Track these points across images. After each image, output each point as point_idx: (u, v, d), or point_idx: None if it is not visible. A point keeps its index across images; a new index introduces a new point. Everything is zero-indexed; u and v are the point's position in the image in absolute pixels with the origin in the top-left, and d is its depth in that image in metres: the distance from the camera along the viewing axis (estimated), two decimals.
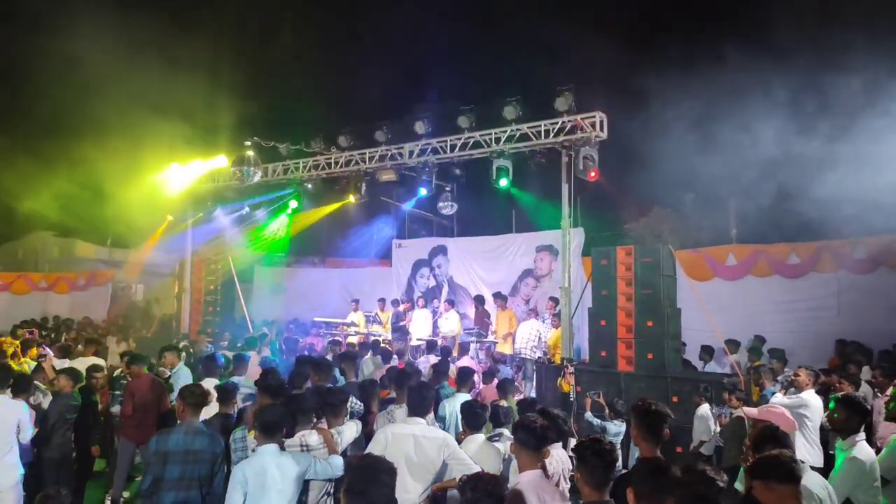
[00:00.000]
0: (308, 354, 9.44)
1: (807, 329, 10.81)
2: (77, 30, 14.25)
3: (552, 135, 10.07)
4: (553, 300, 11.31)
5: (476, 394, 7.36)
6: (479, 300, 12.86)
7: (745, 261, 11.90)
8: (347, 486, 2.76)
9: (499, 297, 12.40)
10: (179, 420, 4.61)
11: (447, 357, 9.29)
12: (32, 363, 8.32)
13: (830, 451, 5.82)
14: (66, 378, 6.43)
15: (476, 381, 7.77)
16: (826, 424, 5.54)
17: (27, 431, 5.46)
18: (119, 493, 6.77)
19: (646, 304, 8.16)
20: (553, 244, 12.64)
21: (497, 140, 10.63)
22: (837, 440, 4.32)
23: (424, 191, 11.98)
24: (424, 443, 4.23)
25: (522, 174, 10.95)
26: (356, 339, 12.24)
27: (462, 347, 10.05)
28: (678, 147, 10.66)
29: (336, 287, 16.78)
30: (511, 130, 10.47)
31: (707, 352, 10.01)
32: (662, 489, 2.80)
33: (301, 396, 4.94)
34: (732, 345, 9.76)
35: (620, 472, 3.91)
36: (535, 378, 10.21)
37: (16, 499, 5.28)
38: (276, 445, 4.00)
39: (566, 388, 8.67)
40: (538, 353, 10.76)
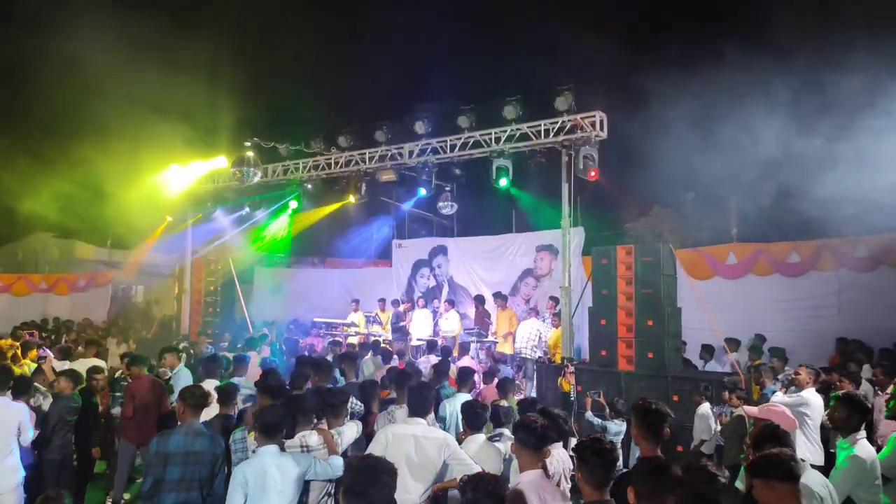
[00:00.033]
0: (308, 355, 9.44)
1: (807, 327, 10.80)
2: (76, 31, 14.25)
3: (552, 134, 10.07)
4: (553, 300, 11.31)
5: (476, 394, 7.35)
6: (480, 300, 12.86)
7: (746, 260, 11.89)
8: (347, 487, 2.76)
9: (499, 297, 12.39)
10: (180, 421, 4.61)
11: (447, 357, 9.29)
12: (33, 365, 8.32)
13: (831, 450, 5.81)
14: (67, 380, 6.44)
15: (476, 381, 7.76)
16: (827, 423, 5.53)
17: (28, 433, 5.46)
18: (120, 495, 6.77)
19: (646, 304, 8.16)
20: (553, 244, 12.63)
21: (497, 140, 10.62)
22: (838, 438, 4.32)
23: (424, 191, 11.97)
24: (425, 443, 4.23)
25: (522, 174, 10.94)
26: (356, 340, 12.23)
27: (462, 347, 10.05)
28: (678, 146, 10.65)
29: (336, 287, 16.76)
30: (511, 130, 10.47)
31: (707, 351, 10.01)
32: (663, 488, 2.81)
33: (302, 397, 4.94)
34: (733, 343, 9.76)
35: (621, 472, 3.91)
36: (536, 377, 10.21)
37: (17, 501, 5.28)
38: (277, 446, 4.00)
39: (567, 388, 8.67)
40: (538, 353, 10.75)
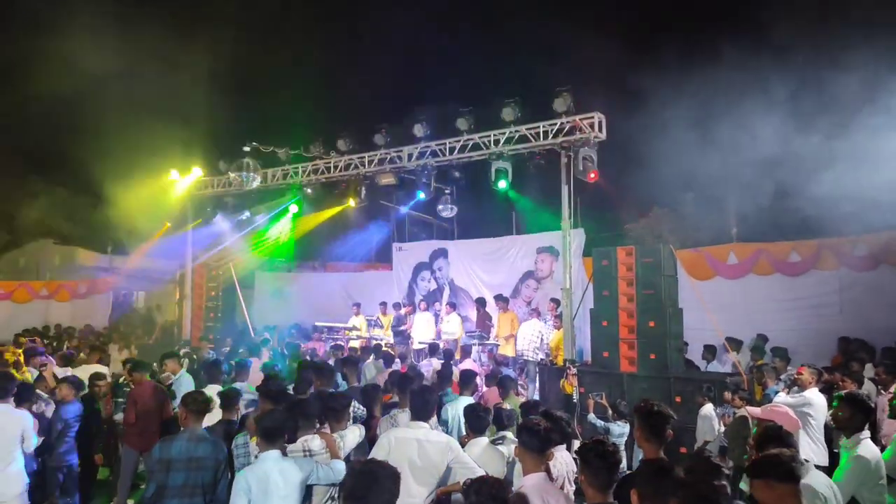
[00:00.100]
0: (310, 359, 9.43)
1: (809, 327, 10.79)
2: (78, 38, 14.30)
3: (551, 136, 10.06)
4: (554, 301, 11.30)
5: (479, 397, 7.35)
6: (481, 302, 12.85)
7: (747, 259, 11.89)
8: (348, 492, 2.76)
9: (500, 300, 12.37)
10: (182, 427, 4.61)
11: (449, 360, 9.27)
12: (36, 372, 8.32)
13: (835, 450, 5.81)
14: (69, 387, 6.44)
15: (479, 384, 7.76)
16: (830, 423, 5.53)
17: (31, 440, 5.46)
18: (123, 501, 6.76)
19: (647, 305, 8.16)
20: (553, 245, 12.63)
21: (496, 142, 10.62)
22: (842, 438, 4.32)
23: (423, 194, 11.97)
24: (428, 447, 4.23)
25: (522, 176, 10.93)
26: (358, 344, 12.22)
27: (464, 350, 10.05)
28: (677, 147, 10.65)
29: (337, 291, 16.77)
30: (510, 132, 10.46)
31: (710, 351, 10.01)
32: (666, 490, 2.81)
33: (305, 402, 4.94)
34: (734, 343, 9.76)
35: (624, 474, 3.90)
36: (538, 380, 10.20)
37: None
38: (279, 451, 4.00)
39: (569, 390, 8.66)
40: (540, 355, 10.74)
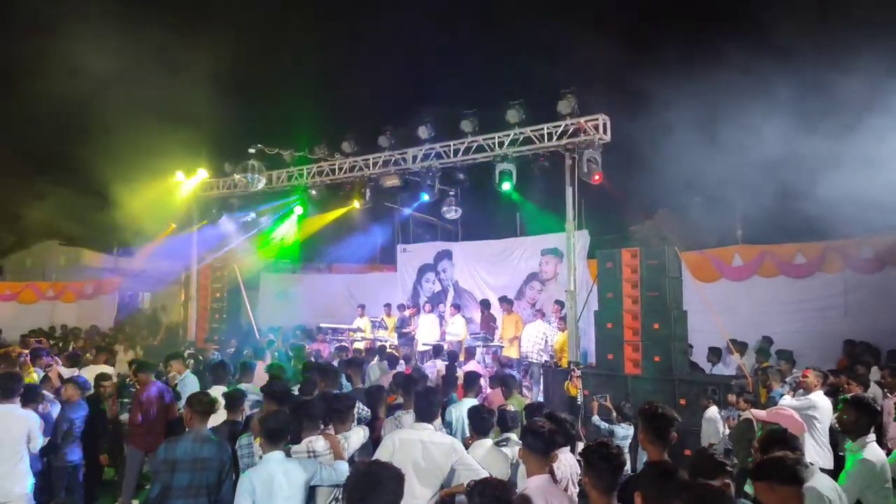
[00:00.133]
0: (315, 361, 9.45)
1: (814, 329, 10.74)
2: (82, 39, 14.36)
3: (555, 138, 10.06)
4: (559, 303, 11.28)
5: (483, 398, 7.35)
6: (485, 304, 12.84)
7: (752, 262, 11.85)
8: (350, 493, 2.76)
9: (504, 301, 12.37)
10: (187, 428, 4.62)
11: (454, 362, 9.27)
12: (41, 372, 8.36)
13: (840, 453, 5.79)
14: (74, 387, 6.47)
15: (483, 386, 7.76)
16: (835, 426, 5.51)
17: (37, 441, 5.48)
18: (128, 501, 6.79)
19: (652, 307, 8.13)
20: (558, 247, 12.62)
21: (500, 144, 10.62)
22: (847, 442, 4.30)
23: (427, 196, 11.98)
24: (432, 448, 4.23)
25: (526, 178, 10.92)
26: (362, 345, 12.24)
27: (468, 352, 10.04)
28: (682, 148, 10.64)
29: (342, 293, 16.80)
30: (514, 134, 10.46)
31: (715, 353, 9.97)
32: (670, 492, 2.80)
33: (309, 403, 4.95)
34: (739, 346, 9.73)
35: (628, 476, 3.90)
36: (542, 382, 10.19)
37: None
38: (282, 452, 4.01)
39: (573, 392, 8.65)
40: (545, 357, 10.73)
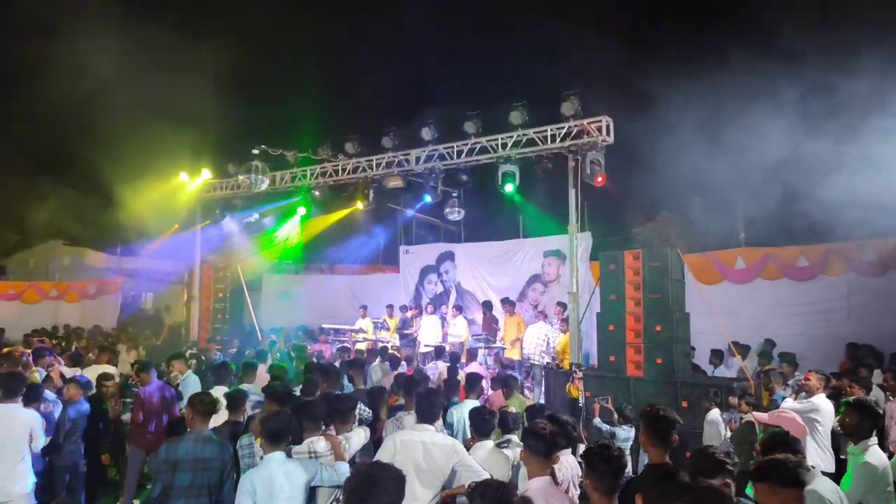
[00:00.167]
0: (316, 361, 9.45)
1: (817, 332, 10.71)
2: (87, 41, 14.42)
3: (559, 140, 10.06)
4: (561, 305, 11.27)
5: (484, 400, 7.35)
6: (487, 306, 12.83)
7: (754, 264, 11.83)
8: (348, 494, 2.75)
9: (507, 303, 12.36)
10: (189, 428, 4.63)
11: (456, 364, 9.26)
12: (44, 372, 8.38)
13: (842, 456, 5.77)
14: (76, 387, 6.48)
15: (484, 387, 7.76)
16: (838, 429, 5.50)
17: (39, 440, 5.49)
18: (129, 501, 6.80)
19: (654, 309, 8.12)
20: (560, 249, 12.60)
21: (504, 145, 10.62)
22: (849, 445, 4.29)
23: (429, 198, 11.98)
24: (433, 449, 4.23)
25: (529, 179, 10.92)
26: (364, 346, 12.24)
27: (470, 353, 10.03)
28: (685, 150, 10.64)
29: (344, 293, 16.80)
30: (517, 136, 10.47)
31: (717, 356, 9.96)
32: (671, 494, 2.79)
33: (312, 403, 4.95)
34: (742, 349, 9.71)
35: (629, 478, 3.90)
36: (544, 383, 10.18)
37: None
38: (283, 453, 4.02)
39: (575, 394, 8.65)
40: (547, 359, 10.72)
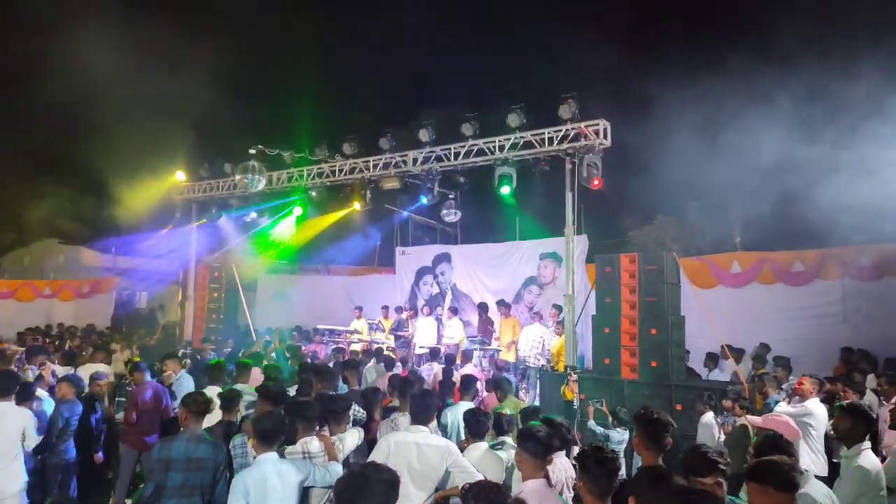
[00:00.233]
0: (311, 362, 9.42)
1: (812, 337, 10.73)
2: (85, 42, 14.39)
3: (556, 142, 10.06)
4: (556, 308, 11.28)
5: (479, 402, 7.34)
6: (483, 308, 12.83)
7: (750, 268, 11.85)
8: (338, 495, 2.73)
9: (502, 305, 12.36)
10: (182, 428, 4.61)
11: (451, 365, 9.25)
12: (36, 370, 8.34)
13: (835, 460, 5.78)
14: (68, 385, 6.45)
15: (479, 389, 7.75)
16: (831, 433, 5.51)
17: (32, 439, 5.47)
18: (121, 500, 6.76)
19: (649, 312, 8.14)
20: (557, 251, 12.61)
21: (501, 148, 10.62)
22: (842, 449, 4.30)
23: (426, 199, 11.98)
24: (427, 451, 4.22)
25: (526, 182, 10.94)
26: (359, 347, 12.21)
27: (465, 355, 10.02)
28: (682, 155, 10.68)
29: (339, 294, 16.77)
30: (515, 138, 10.46)
31: (711, 359, 9.97)
32: (664, 497, 2.79)
33: (306, 404, 4.94)
34: (737, 352, 9.73)
35: (622, 480, 3.89)
36: (539, 385, 10.17)
37: None
38: (276, 453, 4.00)
39: (569, 396, 8.64)
40: (542, 361, 10.72)
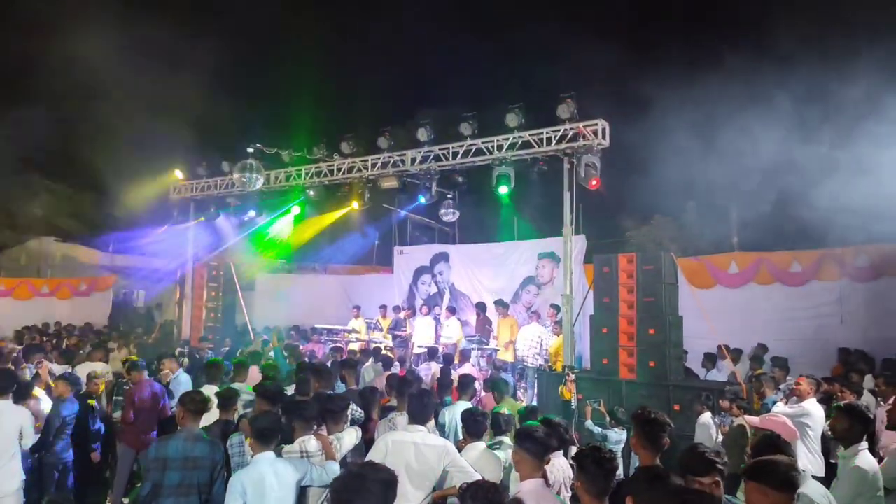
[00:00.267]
0: (309, 361, 9.41)
1: (809, 337, 10.76)
2: (82, 40, 14.36)
3: (554, 142, 10.06)
4: (554, 307, 11.28)
5: (477, 401, 7.35)
6: (481, 307, 12.82)
7: (747, 269, 11.87)
8: (334, 494, 2.72)
9: (500, 305, 12.36)
10: (180, 426, 4.60)
11: (449, 365, 9.25)
12: (33, 369, 8.32)
13: (832, 461, 5.79)
14: (65, 384, 6.44)
15: (477, 389, 7.75)
16: (828, 433, 5.51)
17: (30, 437, 5.46)
18: (119, 499, 6.77)
19: (647, 312, 8.14)
20: (555, 251, 12.61)
21: (499, 147, 10.62)
22: (839, 449, 4.31)
23: (425, 198, 11.97)
24: (425, 450, 4.22)
25: (524, 181, 10.94)
26: (357, 346, 12.20)
27: (463, 355, 10.01)
28: (680, 155, 10.69)
29: (337, 293, 16.77)
30: (513, 138, 10.46)
31: (709, 360, 9.98)
32: (661, 497, 2.79)
33: (304, 403, 4.94)
34: (734, 353, 9.74)
35: (619, 480, 3.90)
36: (537, 385, 10.18)
37: None
38: (273, 453, 4.00)
39: (567, 396, 8.65)
40: (540, 361, 10.73)
